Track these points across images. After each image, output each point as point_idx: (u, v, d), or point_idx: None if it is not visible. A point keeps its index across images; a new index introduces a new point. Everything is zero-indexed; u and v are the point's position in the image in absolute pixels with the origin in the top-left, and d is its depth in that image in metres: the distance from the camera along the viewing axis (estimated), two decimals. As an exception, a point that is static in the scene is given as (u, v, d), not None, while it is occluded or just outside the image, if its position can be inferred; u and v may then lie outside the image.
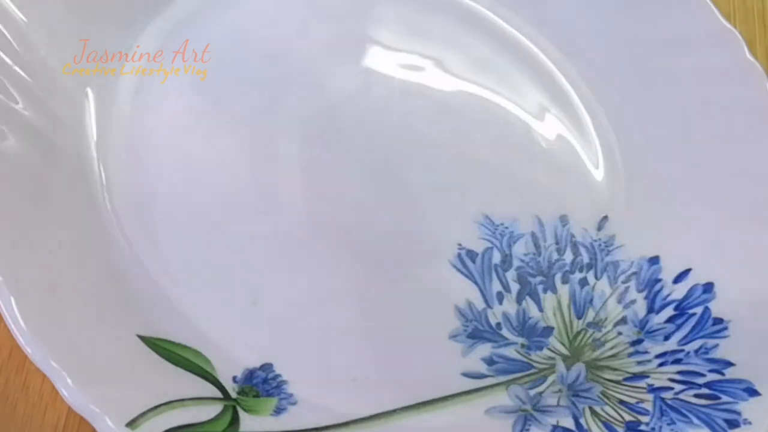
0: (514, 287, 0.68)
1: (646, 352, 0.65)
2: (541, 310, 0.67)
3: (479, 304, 0.67)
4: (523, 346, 0.65)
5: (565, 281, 0.69)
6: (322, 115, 0.74)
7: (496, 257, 0.69)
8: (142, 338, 0.60)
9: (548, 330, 0.66)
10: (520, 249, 0.70)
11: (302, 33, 0.77)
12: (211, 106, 0.71)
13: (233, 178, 0.69)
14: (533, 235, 0.71)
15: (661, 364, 0.64)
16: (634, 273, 0.69)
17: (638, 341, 0.65)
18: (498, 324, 0.66)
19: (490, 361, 0.64)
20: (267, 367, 0.62)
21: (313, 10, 0.79)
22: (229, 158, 0.69)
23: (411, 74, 0.77)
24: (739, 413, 0.59)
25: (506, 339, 0.66)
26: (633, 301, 0.67)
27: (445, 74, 0.78)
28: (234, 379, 0.61)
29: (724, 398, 0.60)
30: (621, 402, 0.62)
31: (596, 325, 0.67)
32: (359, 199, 0.70)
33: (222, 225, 0.68)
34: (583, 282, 0.69)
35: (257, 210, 0.69)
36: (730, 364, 0.62)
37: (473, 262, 0.68)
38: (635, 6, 0.77)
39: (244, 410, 0.59)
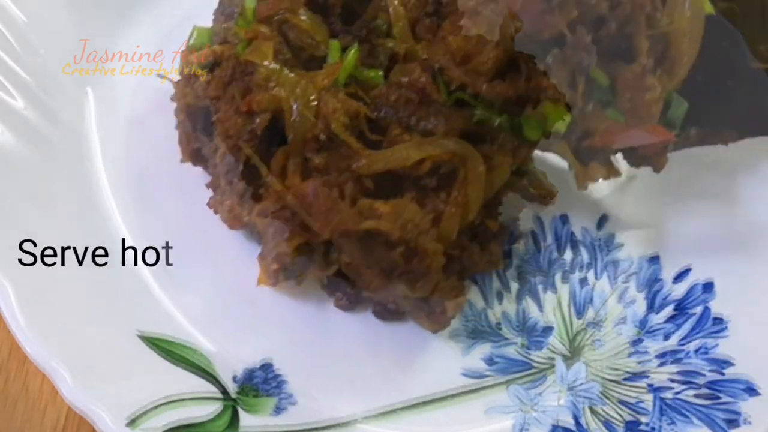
0: (514, 286, 0.68)
1: (646, 352, 0.64)
2: (541, 309, 0.67)
3: (479, 303, 0.67)
4: (523, 345, 0.65)
5: (565, 280, 0.69)
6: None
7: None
8: (142, 337, 0.60)
9: (548, 329, 0.66)
10: (520, 248, 0.70)
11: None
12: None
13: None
14: (533, 234, 0.71)
15: (661, 364, 0.63)
16: (634, 272, 0.69)
17: (638, 340, 0.65)
18: (498, 323, 0.66)
19: (490, 361, 0.64)
20: (267, 366, 0.62)
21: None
22: (229, 158, 0.69)
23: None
24: (739, 413, 0.59)
25: (506, 338, 0.66)
26: (633, 301, 0.67)
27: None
28: (234, 378, 0.61)
29: (724, 397, 0.60)
30: (621, 401, 0.61)
31: (596, 324, 0.67)
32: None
33: (222, 225, 0.68)
34: (583, 281, 0.69)
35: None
36: (729, 363, 0.62)
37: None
38: None
39: (244, 409, 0.59)
